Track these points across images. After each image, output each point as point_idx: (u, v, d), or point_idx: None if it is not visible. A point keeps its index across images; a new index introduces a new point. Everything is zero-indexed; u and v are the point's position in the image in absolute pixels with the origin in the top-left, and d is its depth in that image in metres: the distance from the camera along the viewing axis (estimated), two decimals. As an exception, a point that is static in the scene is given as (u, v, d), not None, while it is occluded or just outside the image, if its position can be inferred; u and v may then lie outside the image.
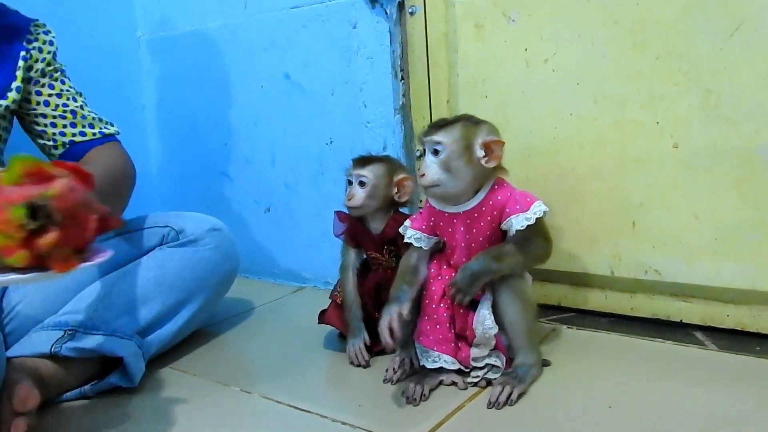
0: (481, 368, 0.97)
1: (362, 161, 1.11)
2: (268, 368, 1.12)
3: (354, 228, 1.13)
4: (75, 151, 1.15)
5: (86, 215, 0.69)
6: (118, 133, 1.22)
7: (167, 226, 1.19)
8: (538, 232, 0.95)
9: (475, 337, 0.96)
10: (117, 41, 1.76)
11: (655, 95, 1.07)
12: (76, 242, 0.69)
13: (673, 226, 1.09)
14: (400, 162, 1.21)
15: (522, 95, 1.20)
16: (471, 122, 0.95)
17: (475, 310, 0.96)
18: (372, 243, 1.12)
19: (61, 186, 0.67)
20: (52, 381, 0.99)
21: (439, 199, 0.97)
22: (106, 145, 1.19)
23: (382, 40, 1.33)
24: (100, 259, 0.70)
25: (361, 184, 1.09)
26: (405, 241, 1.02)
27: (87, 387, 1.02)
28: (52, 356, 1.00)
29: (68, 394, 1.02)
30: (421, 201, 1.04)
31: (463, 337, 0.98)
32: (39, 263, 0.65)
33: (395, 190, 1.10)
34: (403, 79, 1.35)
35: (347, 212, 1.12)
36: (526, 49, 1.19)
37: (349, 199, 1.09)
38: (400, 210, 1.14)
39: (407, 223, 1.03)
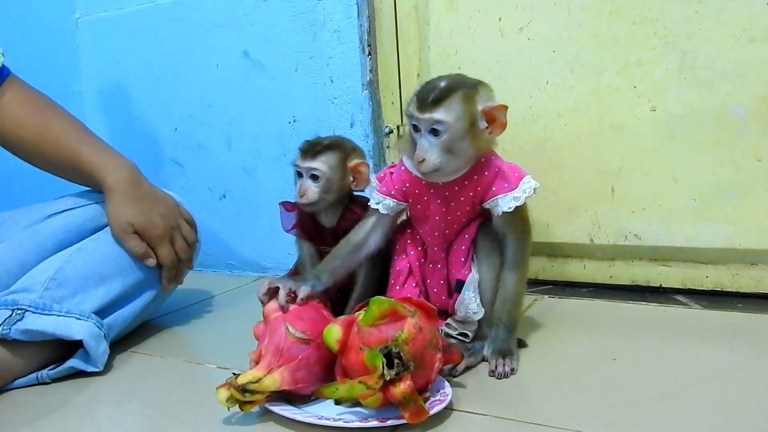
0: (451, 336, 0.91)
1: (312, 150, 0.98)
2: (242, 346, 1.03)
3: (303, 221, 1.04)
4: None
5: (432, 355, 0.73)
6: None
7: None
8: (518, 228, 0.87)
9: (456, 315, 0.90)
10: (52, 24, 1.64)
11: (631, 60, 1.08)
12: (421, 383, 0.72)
13: (653, 190, 1.09)
14: (353, 143, 1.06)
15: (497, 65, 1.19)
16: (467, 87, 0.82)
17: (458, 290, 0.88)
18: (324, 237, 1.03)
19: (410, 328, 0.71)
20: (1, 367, 0.88)
21: (434, 179, 0.86)
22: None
23: (349, 13, 1.29)
24: (440, 405, 0.72)
25: (314, 177, 0.97)
26: (370, 206, 0.93)
27: (44, 372, 0.91)
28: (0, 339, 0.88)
29: (21, 380, 0.90)
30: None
31: (442, 312, 0.90)
32: (389, 403, 0.70)
33: (350, 178, 0.99)
34: (370, 54, 1.31)
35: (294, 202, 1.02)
36: (500, 19, 1.18)
37: (301, 196, 0.97)
38: (355, 194, 1.03)
39: (374, 184, 0.94)
